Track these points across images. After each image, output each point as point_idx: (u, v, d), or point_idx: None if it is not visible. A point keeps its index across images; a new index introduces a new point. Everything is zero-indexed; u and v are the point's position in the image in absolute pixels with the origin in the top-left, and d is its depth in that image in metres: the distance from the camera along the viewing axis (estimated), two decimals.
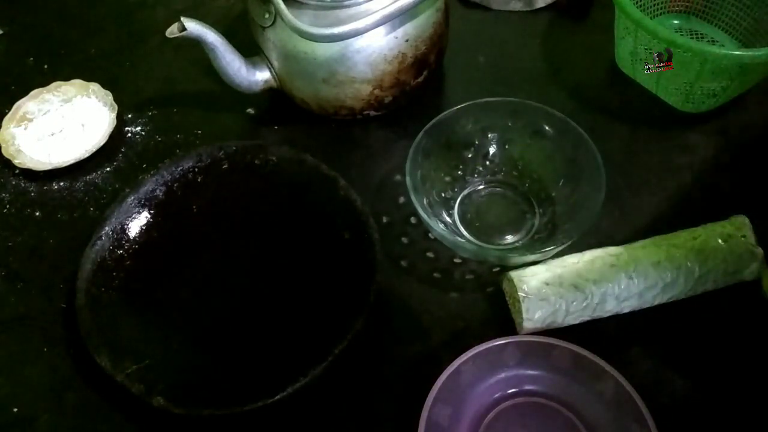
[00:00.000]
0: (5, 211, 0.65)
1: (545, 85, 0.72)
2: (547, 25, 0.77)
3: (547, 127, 0.60)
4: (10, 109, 0.71)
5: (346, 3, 0.59)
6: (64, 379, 0.54)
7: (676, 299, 0.54)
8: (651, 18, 0.72)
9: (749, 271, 0.54)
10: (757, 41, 0.68)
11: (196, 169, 0.62)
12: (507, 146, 0.63)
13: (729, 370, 0.52)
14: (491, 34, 0.77)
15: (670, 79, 0.65)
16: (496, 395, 0.50)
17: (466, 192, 0.62)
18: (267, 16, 0.62)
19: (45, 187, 0.67)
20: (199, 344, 0.54)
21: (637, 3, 0.71)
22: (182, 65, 0.77)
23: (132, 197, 0.60)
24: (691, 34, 0.73)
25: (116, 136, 0.69)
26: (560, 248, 0.53)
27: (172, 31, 0.59)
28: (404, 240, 0.60)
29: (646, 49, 0.64)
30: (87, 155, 0.67)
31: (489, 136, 0.62)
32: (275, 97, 0.69)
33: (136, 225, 0.60)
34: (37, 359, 0.55)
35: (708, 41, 0.72)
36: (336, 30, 0.57)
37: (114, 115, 0.69)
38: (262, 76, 0.66)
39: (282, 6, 0.58)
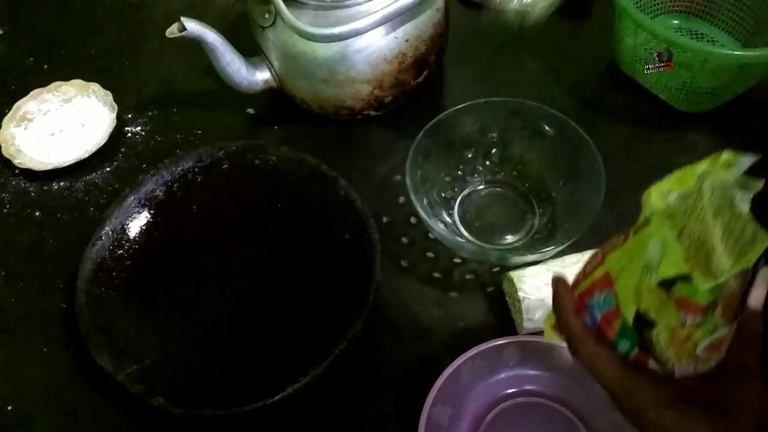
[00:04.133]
0: (5, 211, 0.65)
1: (545, 85, 0.72)
2: (547, 25, 0.77)
3: (547, 127, 0.60)
4: (10, 109, 0.71)
5: (346, 3, 0.59)
6: (64, 379, 0.54)
7: None
8: (651, 18, 0.72)
9: None
10: (757, 41, 0.68)
11: (196, 169, 0.62)
12: (507, 146, 0.63)
13: None
14: (491, 34, 0.77)
15: (670, 79, 0.65)
16: (496, 395, 0.50)
17: (466, 192, 0.62)
18: (267, 16, 0.62)
19: (45, 187, 0.67)
20: (199, 344, 0.54)
21: (637, 3, 0.71)
22: (182, 65, 0.77)
23: (132, 197, 0.60)
24: (691, 34, 0.73)
25: (116, 136, 0.69)
26: (560, 248, 0.53)
27: (172, 31, 0.59)
28: (404, 240, 0.60)
29: (646, 49, 0.64)
30: (87, 155, 0.67)
31: (489, 136, 0.62)
32: (275, 97, 0.69)
33: (136, 225, 0.60)
34: (37, 359, 0.55)
35: (708, 41, 0.72)
36: (336, 30, 0.57)
37: (114, 115, 0.69)
38: (262, 76, 0.66)
39: (282, 6, 0.58)
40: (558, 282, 0.38)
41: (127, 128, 0.71)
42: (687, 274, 0.29)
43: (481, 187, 0.63)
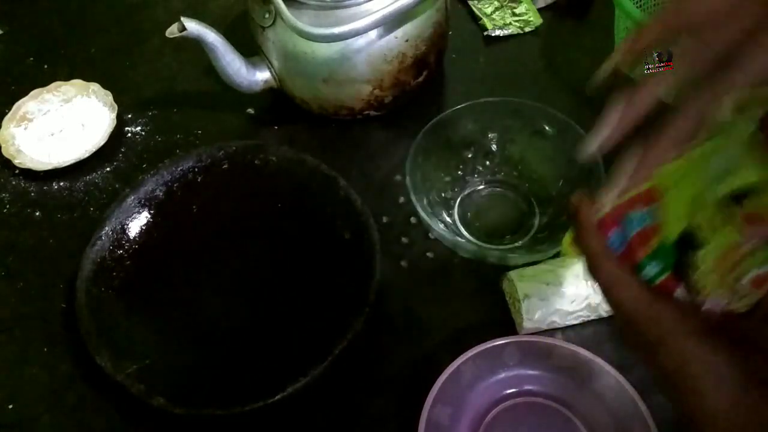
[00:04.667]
0: (5, 211, 0.65)
1: (545, 85, 0.72)
2: (547, 25, 0.77)
3: (547, 127, 0.60)
4: (10, 109, 0.71)
5: (346, 3, 0.59)
6: (64, 379, 0.54)
7: None
8: None
9: None
10: None
11: (196, 169, 0.62)
12: (507, 146, 0.63)
13: None
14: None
15: None
16: (496, 395, 0.50)
17: (466, 192, 0.62)
18: (267, 16, 0.62)
19: (45, 187, 0.67)
20: (199, 344, 0.54)
21: (637, 3, 0.71)
22: (182, 65, 0.77)
23: (132, 197, 0.60)
24: None
25: (116, 136, 0.69)
26: (560, 248, 0.53)
27: (172, 31, 0.59)
28: (404, 240, 0.60)
29: None
30: (87, 155, 0.67)
31: (489, 136, 0.62)
32: (275, 97, 0.69)
33: (136, 225, 0.60)
34: (37, 359, 0.55)
35: None
36: (336, 30, 0.57)
37: (114, 115, 0.69)
38: (262, 76, 0.66)
39: (282, 6, 0.58)
40: (580, 198, 0.35)
41: (127, 128, 0.71)
42: None
43: (481, 187, 0.63)
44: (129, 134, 0.71)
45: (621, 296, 0.32)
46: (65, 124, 0.70)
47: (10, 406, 0.53)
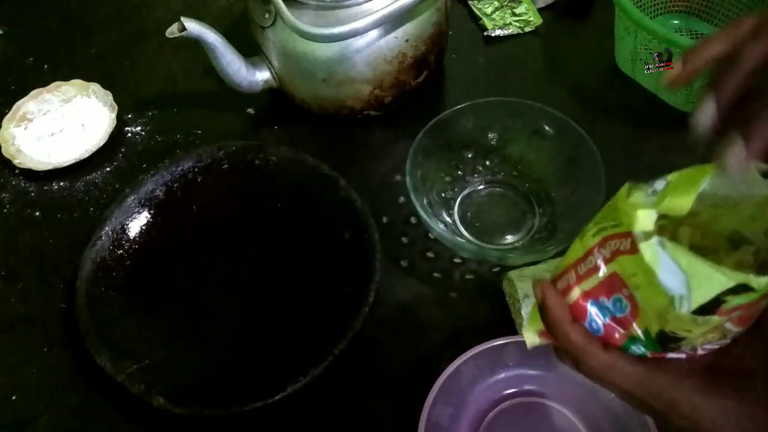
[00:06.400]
0: (5, 211, 0.65)
1: (545, 85, 0.72)
2: (547, 25, 0.77)
3: (547, 127, 0.60)
4: (10, 109, 0.71)
5: (346, 3, 0.59)
6: (64, 379, 0.54)
7: None
8: (651, 18, 0.72)
9: None
10: None
11: (196, 169, 0.62)
12: (507, 146, 0.63)
13: None
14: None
15: None
16: (496, 395, 0.50)
17: (466, 192, 0.62)
18: (267, 16, 0.62)
19: (45, 187, 0.67)
20: (199, 344, 0.54)
21: (637, 3, 0.71)
22: (182, 65, 0.77)
23: (132, 197, 0.60)
24: (691, 34, 0.73)
25: (116, 136, 0.69)
26: (560, 248, 0.53)
27: (172, 31, 0.59)
28: (404, 240, 0.60)
29: (646, 49, 0.64)
30: (87, 155, 0.67)
31: (489, 136, 0.62)
32: (275, 97, 0.69)
33: (136, 225, 0.60)
34: (37, 359, 0.55)
35: None
36: (336, 30, 0.57)
37: (114, 115, 0.69)
38: (262, 76, 0.66)
39: (282, 6, 0.58)
40: (544, 289, 0.33)
41: (127, 128, 0.71)
42: (744, 284, 0.26)
43: (481, 187, 0.63)
44: (129, 134, 0.71)
45: (618, 381, 0.31)
46: (65, 124, 0.70)
47: (10, 407, 0.53)
